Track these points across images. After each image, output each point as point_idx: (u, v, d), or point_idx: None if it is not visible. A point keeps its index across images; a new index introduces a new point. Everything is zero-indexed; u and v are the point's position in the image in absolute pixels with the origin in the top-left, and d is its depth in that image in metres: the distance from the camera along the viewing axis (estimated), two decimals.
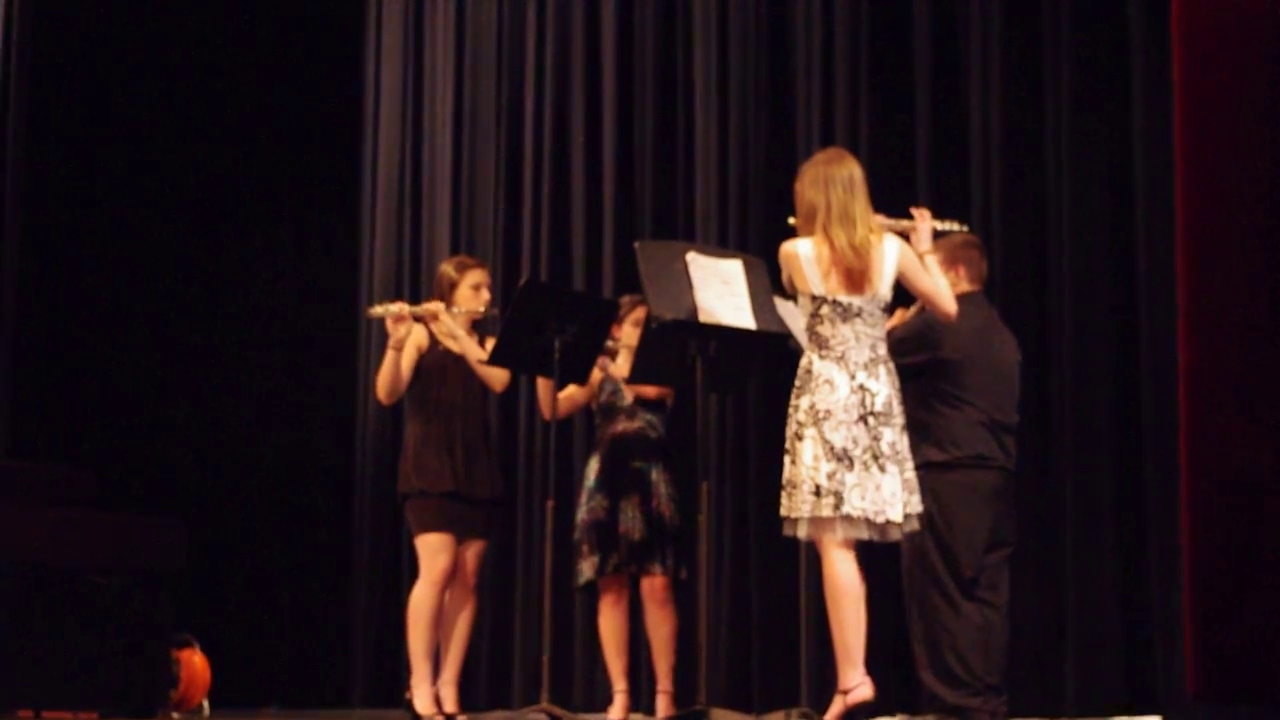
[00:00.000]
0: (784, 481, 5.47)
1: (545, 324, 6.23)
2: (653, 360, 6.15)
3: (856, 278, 5.45)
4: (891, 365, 5.56)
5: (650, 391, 6.63)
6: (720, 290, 5.79)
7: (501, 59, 9.00)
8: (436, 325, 6.72)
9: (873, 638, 5.62)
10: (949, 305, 5.65)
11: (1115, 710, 6.87)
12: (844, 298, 5.45)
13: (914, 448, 5.72)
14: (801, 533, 5.43)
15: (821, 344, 5.47)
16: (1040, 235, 7.32)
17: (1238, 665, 3.22)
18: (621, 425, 6.67)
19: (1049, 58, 7.32)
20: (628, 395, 6.67)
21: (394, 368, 6.72)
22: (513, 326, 6.28)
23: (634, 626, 6.84)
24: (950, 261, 6.07)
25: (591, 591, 6.76)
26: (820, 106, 7.86)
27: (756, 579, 7.69)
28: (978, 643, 5.87)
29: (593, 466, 6.71)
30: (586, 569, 6.60)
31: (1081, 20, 7.27)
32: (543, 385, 6.60)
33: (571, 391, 6.74)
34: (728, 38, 8.23)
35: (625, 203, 8.47)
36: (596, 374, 6.64)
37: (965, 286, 6.11)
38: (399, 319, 6.68)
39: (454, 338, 6.68)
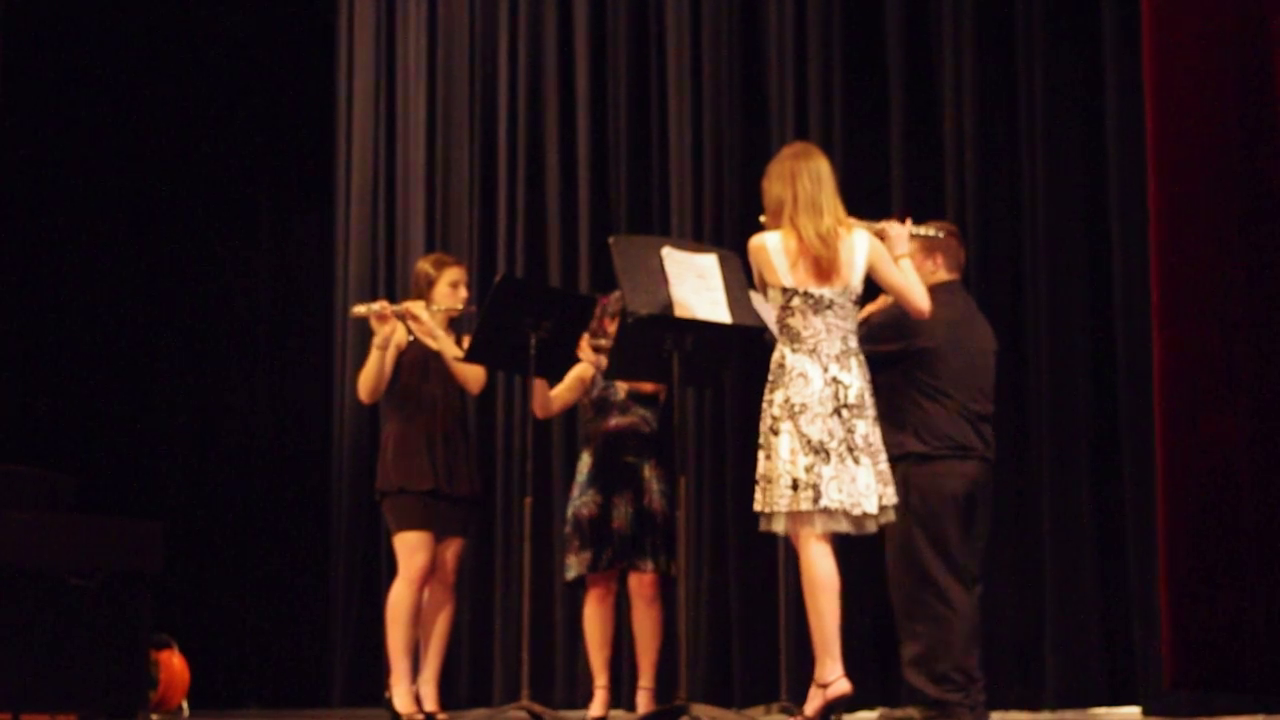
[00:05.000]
0: (758, 476, 5.46)
1: (521, 320, 6.23)
2: (629, 356, 6.15)
3: (825, 268, 5.45)
4: (863, 357, 5.55)
5: (646, 385, 6.60)
6: (696, 284, 5.79)
7: (474, 56, 8.99)
8: (416, 325, 6.71)
9: (851, 631, 5.63)
10: (921, 302, 5.63)
11: (1095, 701, 6.89)
12: (814, 289, 5.45)
13: (893, 439, 5.73)
14: (779, 527, 5.43)
15: (793, 337, 5.47)
16: (1015, 228, 7.34)
17: (1213, 653, 3.24)
18: (614, 420, 6.63)
19: (1021, 52, 7.34)
20: (620, 390, 6.63)
21: (379, 367, 6.70)
22: (488, 323, 6.27)
23: (616, 622, 6.82)
24: (929, 249, 6.06)
25: (579, 586, 6.71)
26: (794, 102, 7.86)
27: (735, 573, 7.70)
28: (970, 639, 5.85)
29: (585, 461, 6.66)
30: (576, 564, 6.54)
31: (1053, 15, 7.29)
32: (535, 384, 6.59)
33: (561, 390, 6.72)
34: (700, 36, 8.23)
35: (600, 199, 8.47)
36: (589, 369, 6.61)
37: (944, 275, 6.10)
38: (383, 318, 6.67)
39: (434, 337, 6.67)
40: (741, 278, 5.91)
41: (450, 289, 6.76)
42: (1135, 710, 6.69)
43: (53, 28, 9.44)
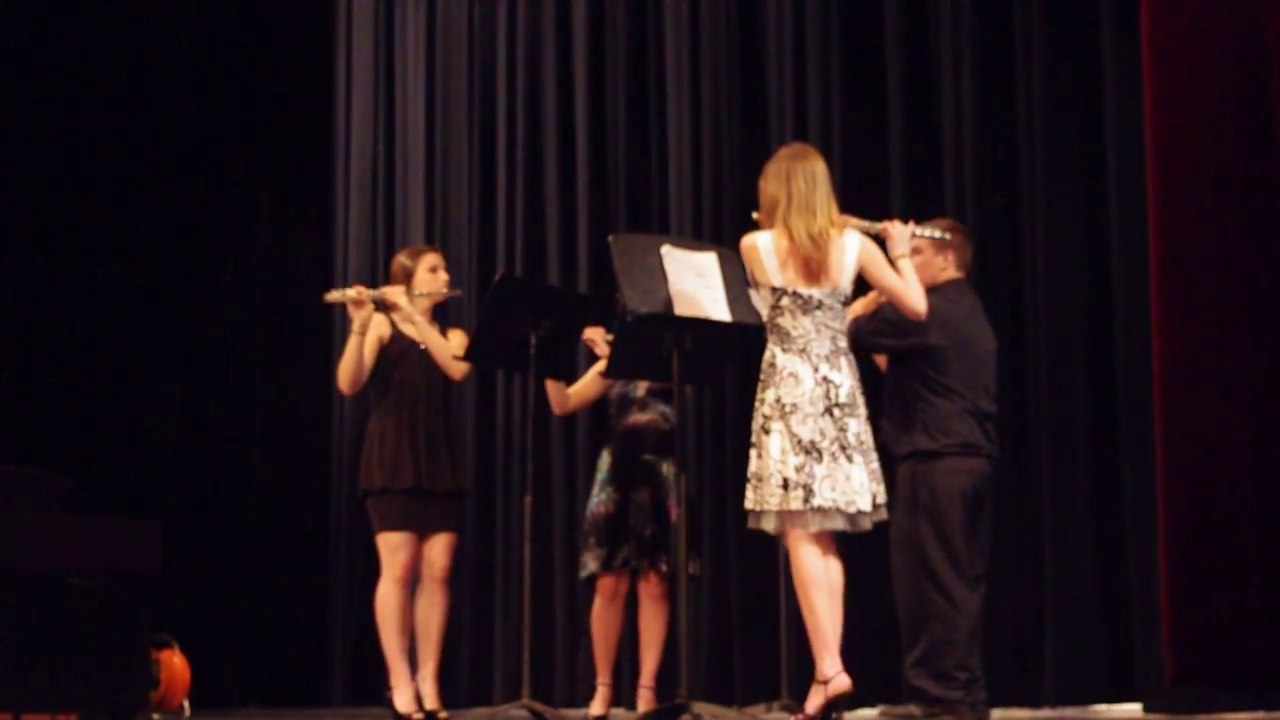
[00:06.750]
0: (749, 475, 5.46)
1: (521, 319, 6.22)
2: (629, 354, 6.14)
3: (815, 269, 5.45)
4: (852, 357, 5.55)
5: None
6: (695, 283, 5.79)
7: (473, 53, 8.99)
8: (396, 312, 6.67)
9: (852, 628, 5.62)
10: (918, 304, 5.61)
11: (1096, 698, 6.89)
12: (803, 289, 5.45)
13: (901, 436, 5.72)
14: (769, 525, 5.43)
15: (783, 337, 5.47)
16: (1014, 228, 7.34)
17: (1213, 650, 3.24)
18: (634, 417, 6.59)
19: (1020, 51, 7.34)
20: (641, 386, 6.59)
21: (356, 353, 6.62)
22: (488, 322, 6.26)
23: (624, 621, 6.78)
24: (939, 246, 6.05)
25: (591, 583, 6.68)
26: (792, 102, 7.86)
27: (736, 571, 7.70)
28: (974, 637, 5.83)
29: (605, 459, 6.61)
30: (591, 562, 6.51)
31: (1052, 16, 7.28)
32: (551, 384, 6.57)
33: (580, 387, 6.70)
34: (699, 35, 8.23)
35: (599, 197, 8.47)
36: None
37: (953, 273, 6.09)
38: (358, 303, 6.62)
39: (413, 322, 6.61)
40: (741, 276, 5.91)
41: (430, 274, 6.70)
42: (1136, 707, 6.68)
43: (51, 25, 9.44)
